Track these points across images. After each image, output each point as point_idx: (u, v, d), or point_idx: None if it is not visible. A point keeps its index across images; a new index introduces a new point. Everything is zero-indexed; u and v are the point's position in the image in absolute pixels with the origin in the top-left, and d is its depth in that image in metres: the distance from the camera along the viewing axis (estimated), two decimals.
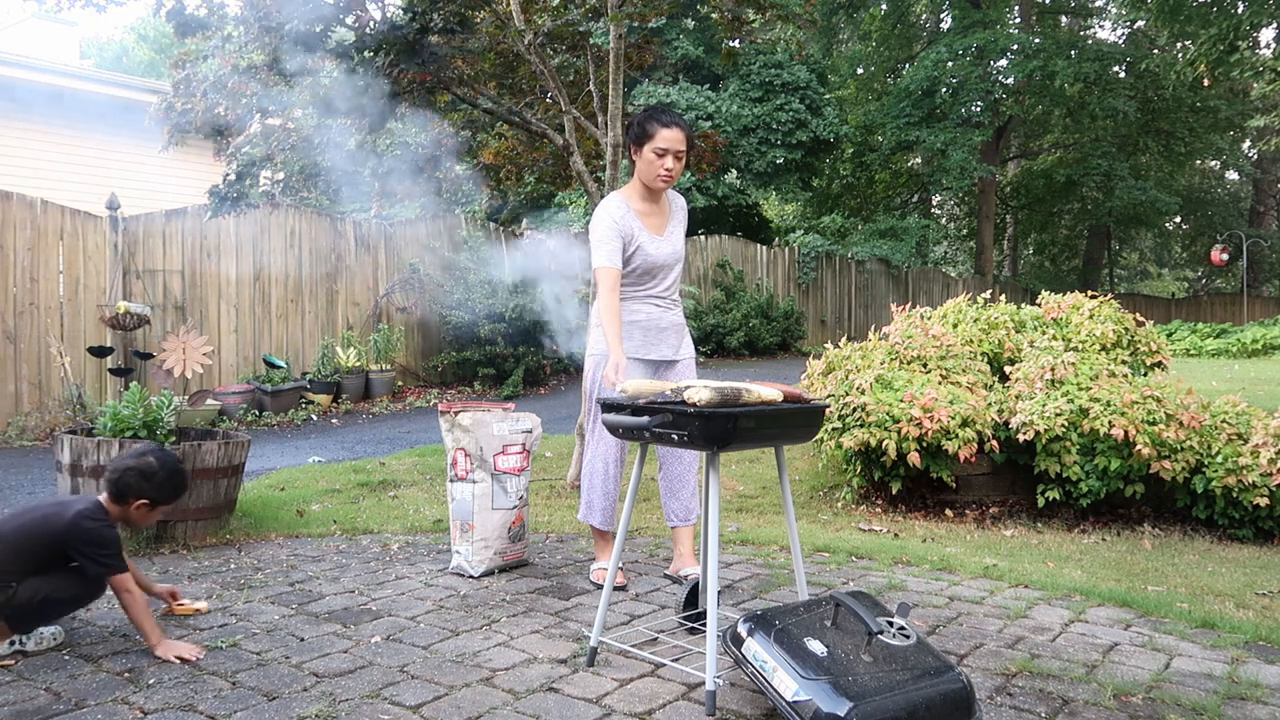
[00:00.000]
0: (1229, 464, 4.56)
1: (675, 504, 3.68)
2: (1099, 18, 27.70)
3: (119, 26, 40.06)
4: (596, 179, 5.73)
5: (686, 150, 3.49)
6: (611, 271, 3.40)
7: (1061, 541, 4.56)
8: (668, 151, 3.44)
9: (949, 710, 2.23)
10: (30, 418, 8.05)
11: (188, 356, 8.99)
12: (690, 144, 3.52)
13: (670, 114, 3.46)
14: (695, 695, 2.54)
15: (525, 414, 3.96)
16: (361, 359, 10.15)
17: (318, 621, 3.16)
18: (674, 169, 3.46)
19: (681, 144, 3.45)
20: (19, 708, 2.45)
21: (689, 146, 3.51)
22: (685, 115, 16.72)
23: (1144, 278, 37.85)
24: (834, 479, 5.66)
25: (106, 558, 2.85)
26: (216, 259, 9.54)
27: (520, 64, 5.86)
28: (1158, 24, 21.40)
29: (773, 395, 2.61)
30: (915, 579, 3.77)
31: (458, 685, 2.61)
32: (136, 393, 4.34)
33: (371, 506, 5.17)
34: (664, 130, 3.43)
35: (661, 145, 3.43)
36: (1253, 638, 3.08)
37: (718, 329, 14.73)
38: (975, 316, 6.23)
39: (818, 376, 5.79)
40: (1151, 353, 5.94)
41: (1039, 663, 2.81)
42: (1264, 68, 17.74)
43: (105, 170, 11.59)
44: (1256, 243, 25.59)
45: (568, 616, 3.24)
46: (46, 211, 8.37)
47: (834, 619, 2.42)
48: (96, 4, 5.97)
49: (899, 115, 21.47)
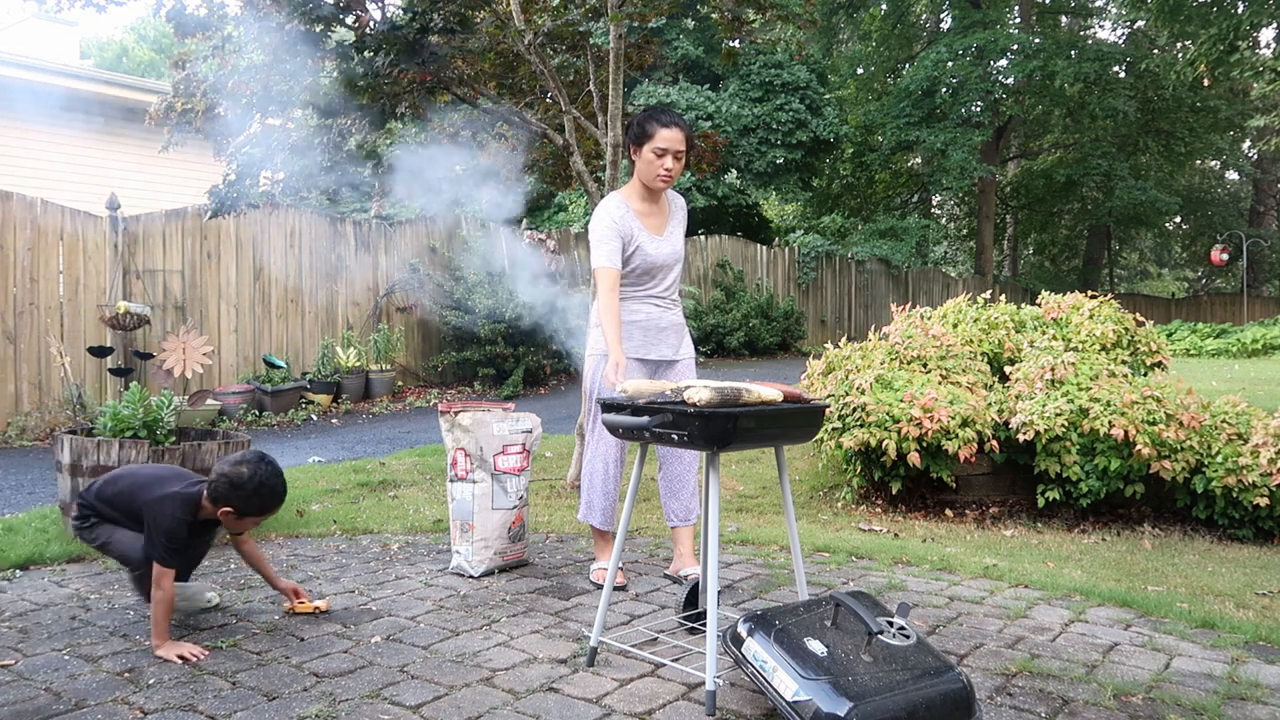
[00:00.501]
0: (1229, 464, 4.56)
1: (675, 504, 3.68)
2: (1099, 18, 27.71)
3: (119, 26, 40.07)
4: (596, 179, 5.73)
5: (686, 150, 3.49)
6: (611, 271, 3.41)
7: (1061, 541, 4.56)
8: (667, 151, 3.44)
9: (949, 710, 2.23)
10: (30, 418, 8.05)
11: (188, 356, 8.99)
12: (690, 144, 3.52)
13: (670, 114, 3.46)
14: (695, 695, 2.54)
15: (525, 414, 3.96)
16: (361, 359, 10.15)
17: (318, 621, 3.16)
18: (674, 169, 3.46)
19: (681, 144, 3.45)
20: (19, 708, 2.45)
21: (689, 146, 3.51)
22: (685, 115, 16.72)
23: (1144, 278, 37.85)
24: (834, 479, 5.66)
25: (157, 544, 2.91)
26: (216, 259, 9.54)
27: (520, 64, 5.86)
28: (1158, 24, 21.40)
29: (773, 395, 2.61)
30: (915, 579, 3.77)
31: (458, 685, 2.61)
32: (136, 393, 4.33)
33: (371, 506, 5.17)
34: (663, 130, 3.43)
35: (661, 145, 3.43)
36: (1253, 638, 3.08)
37: (718, 329, 14.73)
38: (975, 316, 6.23)
39: (818, 376, 5.79)
40: (1151, 353, 5.94)
41: (1039, 663, 2.81)
42: (1264, 68, 17.74)
43: (105, 170, 11.59)
44: (1256, 243, 25.60)
45: (568, 616, 3.24)
46: (46, 211, 8.37)
47: (834, 619, 2.42)
48: (96, 4, 5.96)
49: (899, 115, 21.47)
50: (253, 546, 3.28)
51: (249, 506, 3.00)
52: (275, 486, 3.05)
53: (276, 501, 3.08)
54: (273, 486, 3.04)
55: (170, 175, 11.71)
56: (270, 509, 3.08)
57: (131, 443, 4.04)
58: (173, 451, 4.08)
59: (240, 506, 2.98)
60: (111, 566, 3.85)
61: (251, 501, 2.99)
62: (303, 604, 3.23)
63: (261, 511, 3.06)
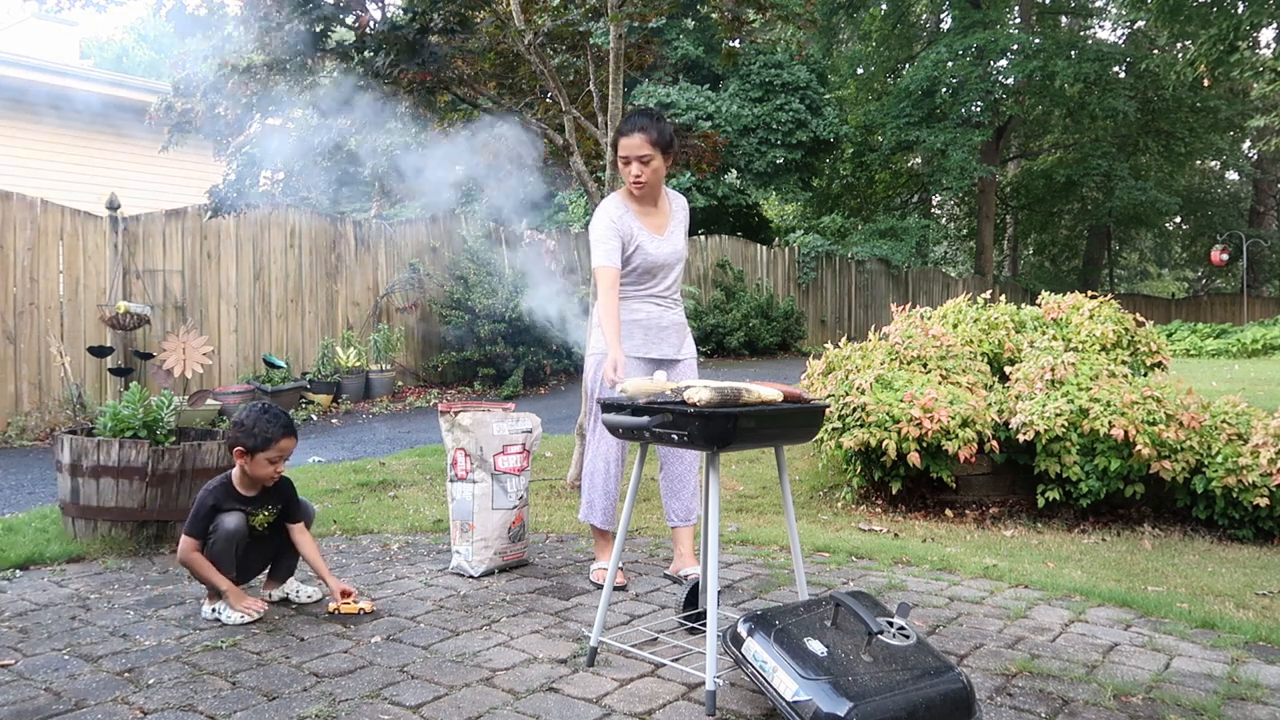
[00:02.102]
0: (1229, 464, 4.56)
1: (675, 504, 3.68)
2: (1099, 18, 27.71)
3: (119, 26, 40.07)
4: (596, 179, 5.73)
5: (660, 152, 3.45)
6: (610, 270, 3.41)
7: (1061, 541, 4.56)
8: (630, 159, 3.45)
9: (949, 710, 2.23)
10: (30, 418, 8.05)
11: (188, 356, 8.99)
12: (663, 145, 3.46)
13: (630, 120, 3.46)
14: (695, 695, 2.54)
15: (525, 414, 3.96)
16: (361, 359, 10.15)
17: (318, 621, 3.16)
18: (642, 173, 3.46)
19: (642, 148, 3.42)
20: (19, 708, 2.45)
21: (663, 148, 3.47)
22: (685, 115, 16.70)
23: (1144, 278, 37.85)
24: (834, 479, 5.66)
25: (190, 516, 3.20)
26: (216, 259, 9.54)
27: (520, 64, 5.85)
28: (1158, 24, 21.40)
29: (773, 395, 2.61)
30: (915, 579, 3.77)
31: (458, 685, 2.61)
32: (136, 393, 4.33)
33: (371, 506, 5.17)
34: (621, 139, 3.46)
35: (624, 154, 3.47)
36: (1253, 638, 3.08)
37: (718, 329, 14.73)
38: (975, 317, 6.23)
39: (818, 376, 5.79)
40: (1151, 353, 5.94)
41: (1039, 663, 2.81)
42: (1264, 68, 17.74)
43: (105, 170, 11.59)
44: (1256, 243, 25.59)
45: (568, 616, 3.24)
46: (46, 211, 8.37)
47: (834, 619, 2.42)
48: (96, 4, 5.97)
49: (899, 115, 21.47)
50: (309, 540, 3.41)
51: (254, 440, 3.18)
52: (274, 414, 3.25)
53: (276, 428, 3.22)
54: (272, 415, 3.24)
55: (170, 175, 11.71)
56: (273, 438, 3.21)
57: (131, 443, 4.04)
58: (172, 452, 4.08)
59: (247, 443, 3.18)
60: (111, 567, 3.85)
61: (254, 434, 3.18)
62: (349, 604, 3.24)
63: (266, 443, 3.19)
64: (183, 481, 4.12)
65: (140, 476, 4.03)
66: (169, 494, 4.10)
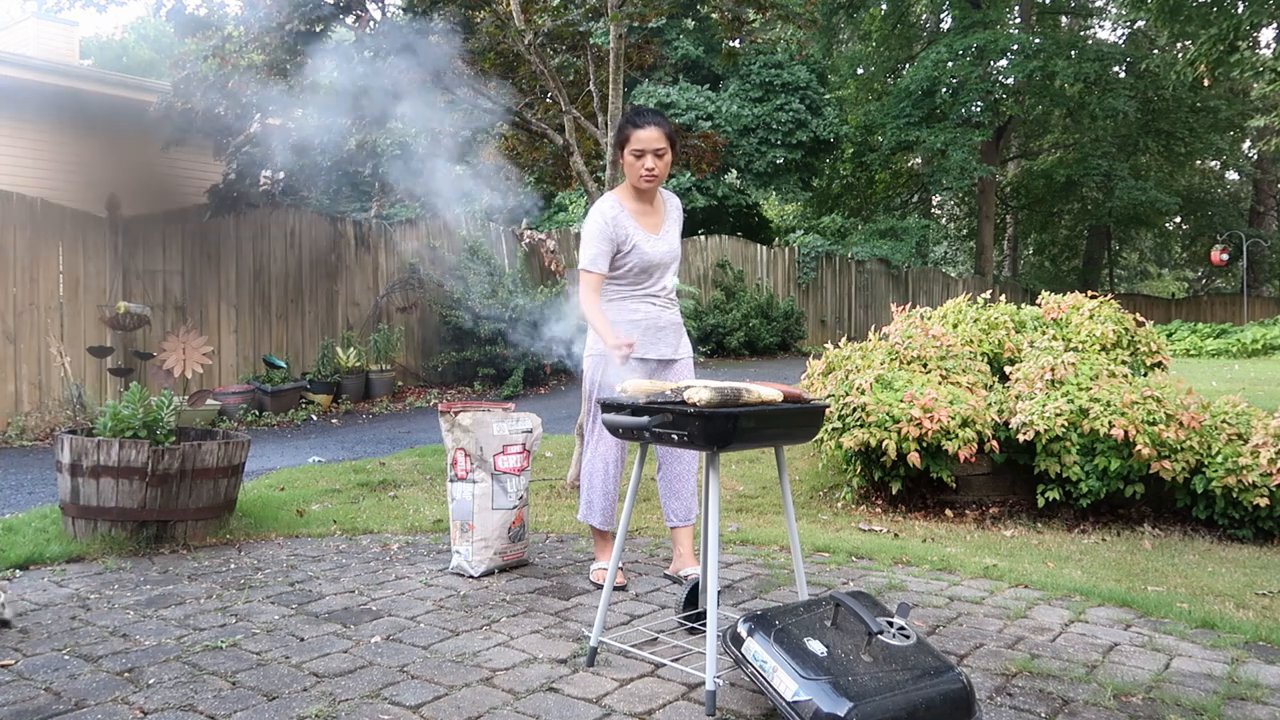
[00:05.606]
0: (1229, 464, 4.55)
1: (675, 504, 3.68)
2: (1099, 18, 27.72)
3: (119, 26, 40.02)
4: (596, 179, 5.73)
5: (670, 147, 3.49)
6: (594, 276, 3.47)
7: (1061, 541, 4.56)
8: (645, 152, 3.46)
9: (949, 710, 2.23)
10: (30, 418, 8.05)
11: (188, 356, 8.99)
12: (673, 140, 3.51)
13: (645, 114, 3.47)
14: (695, 695, 2.54)
15: (525, 414, 3.96)
16: (361, 359, 10.15)
17: (318, 621, 3.16)
18: (655, 167, 3.47)
19: (659, 142, 3.45)
20: (19, 708, 2.45)
21: (672, 143, 3.51)
22: (685, 115, 16.71)
23: (1144, 278, 37.84)
24: (834, 479, 5.66)
25: None
26: (216, 259, 9.54)
27: (520, 64, 5.86)
28: (1158, 24, 21.38)
29: (773, 395, 2.61)
30: (915, 579, 3.77)
31: (458, 685, 2.61)
32: (136, 393, 4.33)
33: (371, 506, 5.17)
34: (638, 131, 3.45)
35: (638, 147, 3.46)
36: (1253, 638, 3.08)
37: (718, 329, 14.73)
38: (975, 317, 6.23)
39: (818, 376, 5.79)
40: (1151, 353, 5.94)
41: (1039, 663, 2.81)
42: (1264, 68, 17.72)
43: (105, 170, 11.57)
44: (1256, 243, 25.58)
45: (568, 616, 3.24)
46: (46, 211, 8.37)
47: (834, 619, 2.42)
48: (96, 4, 5.98)
49: (899, 115, 21.47)
50: None
51: None
52: None
53: None
54: None
55: (170, 175, 11.69)
56: None
57: (131, 443, 4.04)
58: (172, 452, 4.08)
59: None
60: (111, 567, 3.85)
61: None
62: None
63: None
64: (182, 481, 4.12)
65: (140, 476, 4.03)
66: (169, 494, 4.10)
